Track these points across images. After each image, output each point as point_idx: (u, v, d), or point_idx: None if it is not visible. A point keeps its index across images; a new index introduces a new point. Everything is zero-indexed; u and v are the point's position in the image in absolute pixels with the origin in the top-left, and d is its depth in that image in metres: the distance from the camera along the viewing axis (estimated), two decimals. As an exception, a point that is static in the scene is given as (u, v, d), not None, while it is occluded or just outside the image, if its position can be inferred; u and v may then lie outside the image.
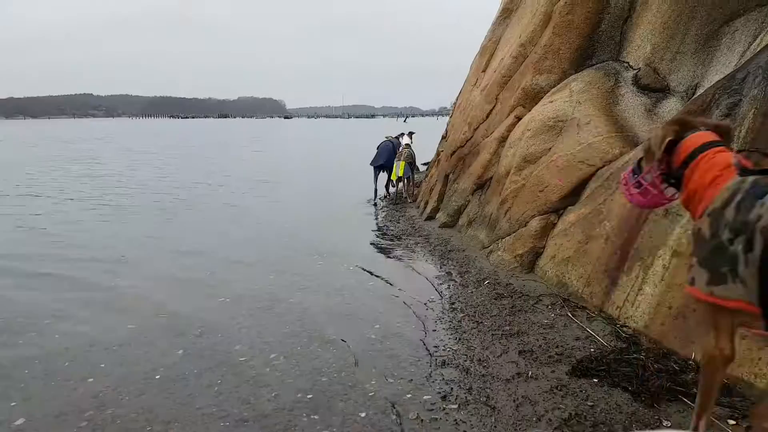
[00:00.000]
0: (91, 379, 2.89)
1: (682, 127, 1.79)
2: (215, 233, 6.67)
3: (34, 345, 3.35)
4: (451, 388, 2.65)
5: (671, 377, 2.48)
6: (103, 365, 3.06)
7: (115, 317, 3.81)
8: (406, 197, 8.89)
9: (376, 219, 7.41)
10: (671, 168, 1.79)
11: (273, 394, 2.66)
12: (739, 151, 2.23)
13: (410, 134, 9.37)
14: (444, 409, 2.48)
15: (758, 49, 3.23)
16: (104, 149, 24.22)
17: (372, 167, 8.90)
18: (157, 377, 2.90)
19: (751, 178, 1.53)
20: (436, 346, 3.18)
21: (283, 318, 3.74)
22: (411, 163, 8.74)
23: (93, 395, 2.72)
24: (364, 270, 4.90)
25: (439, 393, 2.62)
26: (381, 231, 6.59)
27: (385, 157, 8.84)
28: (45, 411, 2.57)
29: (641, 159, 1.91)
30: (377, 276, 4.71)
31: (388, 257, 5.35)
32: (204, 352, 3.21)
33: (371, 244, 5.94)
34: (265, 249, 5.79)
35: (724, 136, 1.79)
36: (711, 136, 1.73)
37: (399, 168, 8.52)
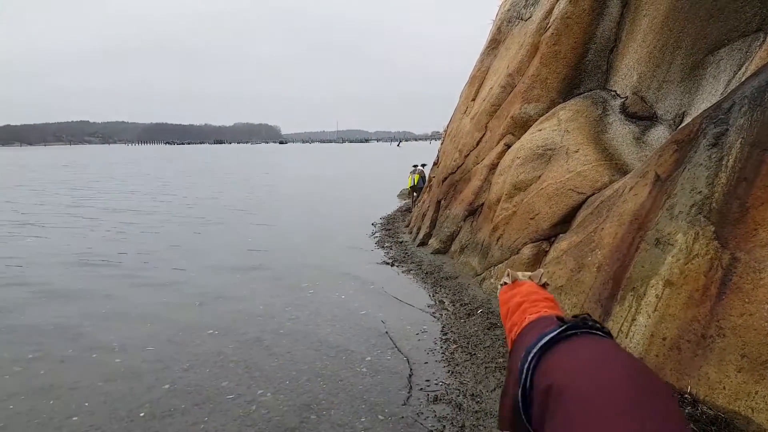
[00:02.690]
0: (75, 418, 2.81)
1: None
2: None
3: (18, 382, 3.26)
4: (443, 426, 2.58)
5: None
6: (87, 404, 2.97)
7: (102, 351, 3.72)
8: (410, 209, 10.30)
9: (369, 246, 7.35)
10: None
11: (260, 434, 2.58)
12: None
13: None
14: (436, 448, 2.41)
15: (743, 79, 3.27)
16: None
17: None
18: (142, 414, 2.82)
19: None
20: (428, 380, 3.12)
21: (272, 351, 3.66)
22: (423, 178, 10.35)
23: (75, 436, 2.64)
24: (356, 299, 4.84)
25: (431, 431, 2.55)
26: (374, 258, 6.54)
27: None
28: (22, 454, 2.49)
29: None
30: (368, 306, 4.65)
31: (380, 285, 5.29)
32: (190, 387, 3.13)
33: (364, 271, 5.88)
34: (256, 276, 5.72)
35: None
36: None
37: (414, 179, 10.32)
